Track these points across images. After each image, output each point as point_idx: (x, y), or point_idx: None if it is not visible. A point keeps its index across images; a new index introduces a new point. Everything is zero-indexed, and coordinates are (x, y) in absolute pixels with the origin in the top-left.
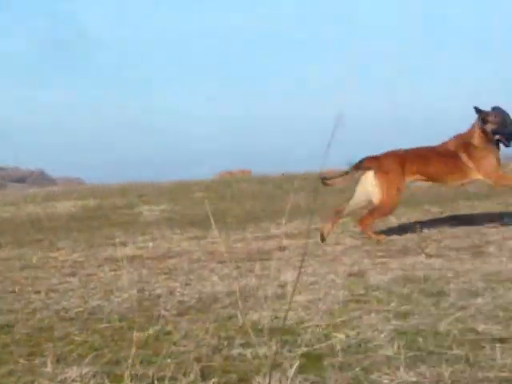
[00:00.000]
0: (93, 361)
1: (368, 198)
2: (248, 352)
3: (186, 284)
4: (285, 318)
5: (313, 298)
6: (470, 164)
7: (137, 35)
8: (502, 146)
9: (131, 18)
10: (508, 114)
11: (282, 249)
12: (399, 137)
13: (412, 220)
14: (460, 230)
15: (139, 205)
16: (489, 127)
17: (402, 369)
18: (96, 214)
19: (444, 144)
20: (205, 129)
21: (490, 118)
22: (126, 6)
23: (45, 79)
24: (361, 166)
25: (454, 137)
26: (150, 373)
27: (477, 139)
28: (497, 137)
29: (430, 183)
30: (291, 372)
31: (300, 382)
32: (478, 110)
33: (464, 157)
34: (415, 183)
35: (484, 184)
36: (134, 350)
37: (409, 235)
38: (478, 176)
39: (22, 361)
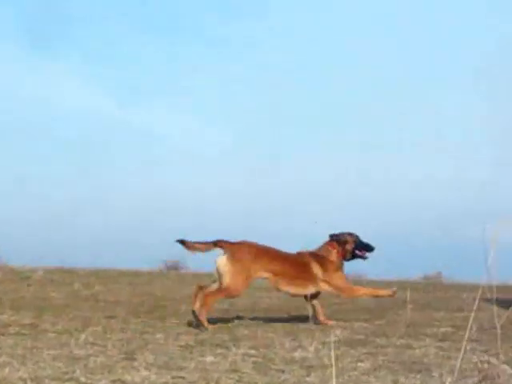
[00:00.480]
0: None
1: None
2: None
3: None
4: None
5: None
6: (320, 275)
7: None
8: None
9: None
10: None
11: None
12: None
13: None
14: None
15: None
16: (349, 246)
17: None
18: None
19: (299, 253)
20: None
21: (349, 238)
22: None
23: None
24: (217, 244)
25: (309, 251)
26: None
27: (334, 256)
28: (357, 252)
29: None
30: None
31: None
32: (334, 235)
33: (316, 267)
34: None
35: None
36: None
37: None
38: (326, 287)
39: None
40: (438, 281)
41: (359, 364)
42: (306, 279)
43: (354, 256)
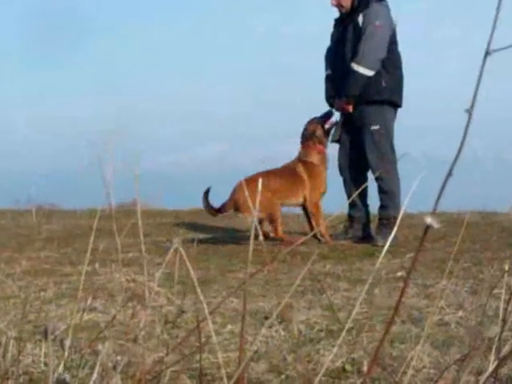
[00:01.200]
0: None
1: None
2: None
3: None
4: None
5: None
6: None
7: None
8: None
9: None
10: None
11: None
12: None
13: None
14: None
15: None
16: (319, 131)
17: None
18: None
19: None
20: None
21: (311, 126)
22: None
23: None
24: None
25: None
26: None
27: (315, 157)
28: (328, 127)
29: None
30: None
31: None
32: (302, 136)
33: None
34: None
35: None
36: None
37: None
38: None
39: None
40: (131, 208)
41: (42, 293)
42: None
43: (328, 133)
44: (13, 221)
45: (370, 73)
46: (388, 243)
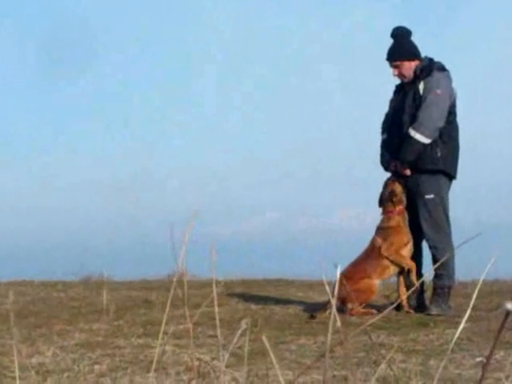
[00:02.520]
0: None
1: None
2: None
3: None
4: None
5: None
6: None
7: None
8: None
9: None
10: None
11: None
12: None
13: None
14: None
15: None
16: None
17: None
18: None
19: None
20: None
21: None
22: None
23: None
24: None
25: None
26: None
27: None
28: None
29: None
30: None
31: None
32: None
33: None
34: None
35: None
36: None
37: None
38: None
39: None
40: (181, 278)
41: (96, 366)
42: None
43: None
44: (64, 292)
45: (426, 140)
46: (442, 313)
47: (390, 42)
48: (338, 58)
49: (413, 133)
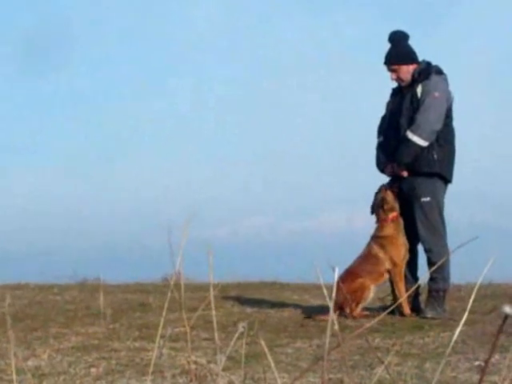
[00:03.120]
0: None
1: None
2: None
3: None
4: None
5: None
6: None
7: None
8: None
9: None
10: None
11: None
12: None
13: None
14: None
15: None
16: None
17: None
18: None
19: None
20: None
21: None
22: None
23: None
24: None
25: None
26: None
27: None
28: None
29: None
30: None
31: None
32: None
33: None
34: None
35: None
36: None
37: None
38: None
39: None
40: (178, 283)
41: (92, 369)
42: None
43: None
44: (60, 296)
45: (424, 143)
46: (437, 316)
47: (381, 45)
48: (314, 63)
49: (410, 135)
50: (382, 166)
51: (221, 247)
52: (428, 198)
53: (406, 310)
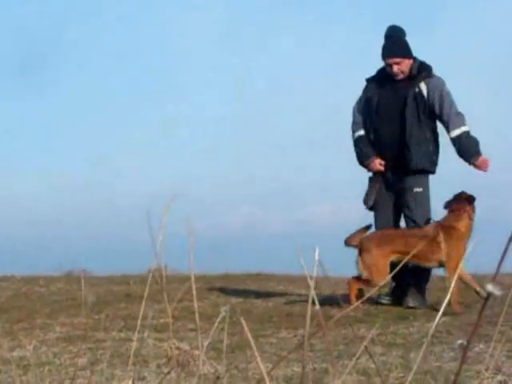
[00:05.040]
0: None
1: None
2: None
3: None
4: None
5: None
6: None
7: None
8: None
9: None
10: None
11: None
12: None
13: None
14: None
15: None
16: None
17: None
18: None
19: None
20: None
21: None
22: None
23: None
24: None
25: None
26: None
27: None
28: None
29: None
30: None
31: None
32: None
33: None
34: None
35: None
36: None
37: None
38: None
39: None
40: (161, 273)
41: (77, 360)
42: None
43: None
44: (46, 287)
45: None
46: (419, 305)
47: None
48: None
49: (459, 130)
50: (367, 160)
51: (206, 239)
52: (420, 189)
53: (458, 309)
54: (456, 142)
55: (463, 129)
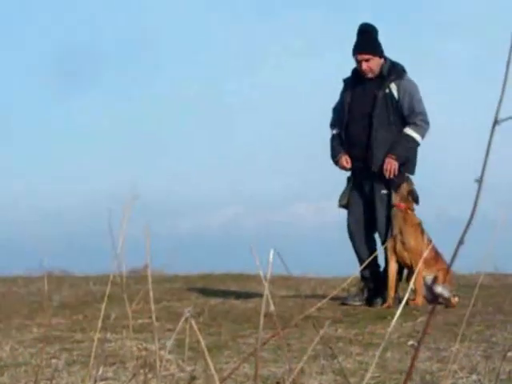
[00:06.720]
0: None
1: None
2: None
3: None
4: None
5: None
6: None
7: None
8: None
9: None
10: None
11: None
12: None
13: None
14: None
15: None
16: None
17: None
18: None
19: None
20: None
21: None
22: None
23: None
24: None
25: None
26: None
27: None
28: None
29: None
30: None
31: None
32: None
33: None
34: None
35: None
36: None
37: None
38: None
39: None
40: (143, 274)
41: (53, 361)
42: None
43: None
44: (24, 287)
45: (421, 141)
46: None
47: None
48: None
49: (410, 131)
50: (336, 158)
51: (186, 239)
52: (386, 191)
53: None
54: (402, 137)
55: (415, 136)
